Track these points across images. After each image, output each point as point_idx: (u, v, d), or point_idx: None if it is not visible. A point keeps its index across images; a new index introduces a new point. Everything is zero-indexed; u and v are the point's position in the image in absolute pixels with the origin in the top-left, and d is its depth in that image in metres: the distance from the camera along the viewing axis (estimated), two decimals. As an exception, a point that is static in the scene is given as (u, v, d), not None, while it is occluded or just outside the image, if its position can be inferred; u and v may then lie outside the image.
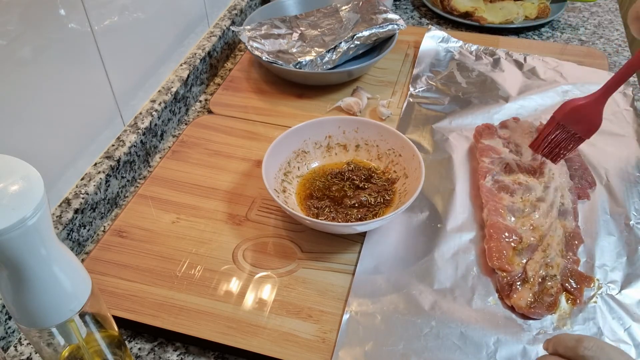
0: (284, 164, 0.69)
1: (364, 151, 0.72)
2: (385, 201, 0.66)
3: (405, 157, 0.68)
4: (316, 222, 0.61)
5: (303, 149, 0.71)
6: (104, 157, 0.70)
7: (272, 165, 0.67)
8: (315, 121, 0.71)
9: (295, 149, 0.70)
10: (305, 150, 0.71)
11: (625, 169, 0.72)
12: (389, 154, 0.70)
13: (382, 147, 0.70)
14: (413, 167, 0.66)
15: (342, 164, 0.71)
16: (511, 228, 0.62)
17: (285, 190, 0.67)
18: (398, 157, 0.69)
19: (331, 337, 0.54)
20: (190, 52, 0.89)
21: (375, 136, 0.71)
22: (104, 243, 0.63)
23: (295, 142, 0.70)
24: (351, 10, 0.94)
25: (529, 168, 0.69)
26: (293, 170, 0.70)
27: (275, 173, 0.67)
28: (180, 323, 0.55)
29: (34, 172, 0.34)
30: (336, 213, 0.65)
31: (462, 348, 0.53)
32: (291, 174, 0.70)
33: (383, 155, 0.70)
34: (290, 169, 0.70)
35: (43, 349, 0.41)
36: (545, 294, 0.57)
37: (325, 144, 0.72)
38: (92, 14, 0.64)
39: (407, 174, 0.67)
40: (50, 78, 0.59)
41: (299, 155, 0.71)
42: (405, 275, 0.60)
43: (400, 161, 0.68)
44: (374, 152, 0.71)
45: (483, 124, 0.76)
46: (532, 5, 1.04)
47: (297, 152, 0.71)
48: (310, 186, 0.69)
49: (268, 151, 0.66)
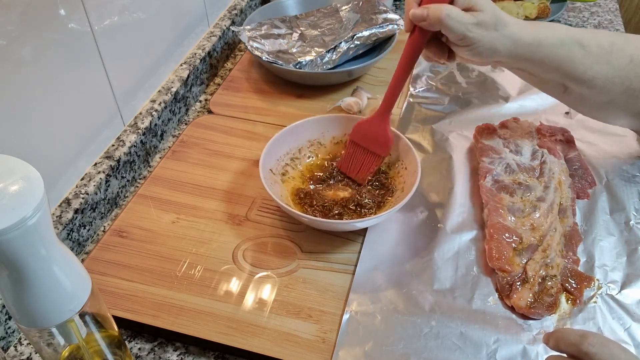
0: (295, 149, 0.70)
1: None
2: (384, 200, 0.66)
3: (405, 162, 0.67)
4: (313, 219, 0.61)
5: (319, 139, 0.72)
6: (104, 157, 0.70)
7: (280, 145, 0.68)
8: (338, 116, 0.72)
9: (310, 138, 0.72)
10: (321, 142, 0.72)
11: (625, 169, 0.72)
12: (398, 165, 0.69)
13: (394, 155, 0.70)
14: (412, 168, 0.66)
15: None
16: (511, 228, 0.62)
17: (285, 174, 0.68)
18: (404, 170, 0.68)
19: (331, 337, 0.54)
20: (190, 52, 0.89)
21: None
22: (104, 243, 0.63)
23: (313, 131, 0.72)
24: (351, 10, 0.94)
25: (529, 168, 0.69)
26: (302, 158, 0.71)
27: (281, 156, 0.69)
28: (180, 323, 0.55)
29: (34, 172, 0.34)
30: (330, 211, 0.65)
31: (462, 348, 0.53)
32: (298, 160, 0.71)
33: (394, 163, 0.70)
34: (299, 156, 0.71)
35: (43, 349, 0.41)
36: (545, 294, 0.57)
37: (345, 139, 0.72)
38: (92, 14, 0.64)
39: (404, 188, 0.66)
40: (50, 78, 0.59)
41: (313, 145, 0.72)
42: (405, 275, 0.60)
43: (404, 173, 0.68)
44: (387, 158, 0.70)
45: (483, 124, 0.76)
46: (532, 5, 1.04)
47: (312, 141, 0.72)
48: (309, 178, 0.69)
49: (285, 130, 0.68)
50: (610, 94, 0.63)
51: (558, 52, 0.61)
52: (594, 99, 0.64)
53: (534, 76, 0.66)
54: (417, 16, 0.58)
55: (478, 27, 0.57)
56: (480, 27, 0.57)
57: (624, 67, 0.62)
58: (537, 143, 0.73)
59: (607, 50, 0.62)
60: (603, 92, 0.63)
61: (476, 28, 0.57)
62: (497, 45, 0.59)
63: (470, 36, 0.58)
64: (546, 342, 0.45)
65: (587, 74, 0.62)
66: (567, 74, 0.62)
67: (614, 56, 0.62)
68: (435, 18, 0.56)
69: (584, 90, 0.63)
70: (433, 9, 0.57)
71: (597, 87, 0.63)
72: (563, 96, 0.67)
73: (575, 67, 0.61)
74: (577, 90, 0.64)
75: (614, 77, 0.62)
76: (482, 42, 0.58)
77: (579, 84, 0.63)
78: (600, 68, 0.61)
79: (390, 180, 0.69)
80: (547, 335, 0.45)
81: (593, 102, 0.65)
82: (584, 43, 0.61)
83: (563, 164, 0.70)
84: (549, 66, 0.62)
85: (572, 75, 0.62)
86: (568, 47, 0.61)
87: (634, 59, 0.62)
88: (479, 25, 0.57)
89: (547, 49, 0.60)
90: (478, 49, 0.59)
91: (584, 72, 0.61)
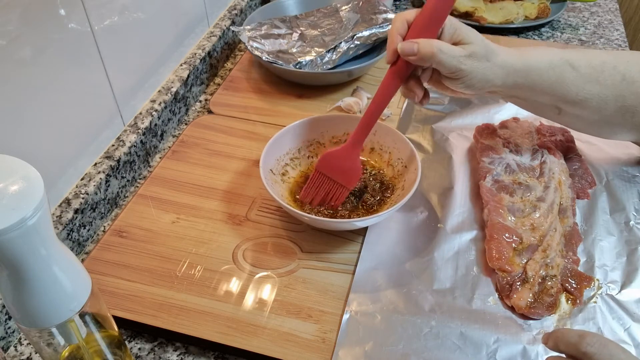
0: (294, 149, 0.70)
1: (377, 155, 0.72)
2: (384, 198, 0.66)
3: (405, 161, 0.68)
4: (315, 218, 0.61)
5: (318, 139, 0.72)
6: (104, 157, 0.70)
7: (280, 145, 0.68)
8: (337, 116, 0.72)
9: (310, 138, 0.71)
10: (321, 142, 0.72)
11: (625, 169, 0.72)
12: (397, 163, 0.69)
13: (394, 154, 0.70)
14: (412, 167, 0.66)
15: None
16: (511, 228, 0.62)
17: (285, 174, 0.68)
18: (403, 169, 0.68)
19: (331, 337, 0.54)
20: (190, 52, 0.89)
21: (390, 142, 0.70)
22: (104, 243, 0.63)
23: (312, 131, 0.71)
24: (351, 10, 0.94)
25: (529, 168, 0.69)
26: (302, 158, 0.71)
27: (280, 156, 0.69)
28: (180, 323, 0.55)
29: (34, 172, 0.34)
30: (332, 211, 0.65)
31: (462, 348, 0.53)
32: (298, 160, 0.71)
33: (393, 163, 0.70)
34: (299, 156, 0.71)
35: (43, 349, 0.41)
36: (545, 294, 0.57)
37: (344, 139, 0.72)
38: (92, 14, 0.64)
39: (404, 186, 0.66)
40: (50, 78, 0.59)
41: (312, 145, 0.72)
42: (405, 275, 0.60)
43: (403, 172, 0.68)
44: (386, 157, 0.70)
45: (483, 124, 0.76)
46: (532, 5, 1.04)
47: (312, 141, 0.72)
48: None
49: (284, 130, 0.67)
50: (605, 112, 0.63)
51: (549, 75, 0.61)
52: (589, 118, 0.64)
53: (528, 102, 0.65)
54: (406, 50, 0.56)
55: (470, 59, 0.57)
56: (472, 59, 0.57)
57: (617, 85, 0.61)
58: (537, 143, 0.73)
59: (598, 69, 0.61)
60: (597, 111, 0.63)
61: (469, 60, 0.57)
62: (489, 76, 0.59)
63: (464, 68, 0.57)
64: (545, 343, 0.45)
65: (580, 95, 0.62)
66: (560, 97, 0.62)
67: (606, 74, 0.61)
68: (427, 53, 0.55)
69: (578, 110, 0.63)
70: (423, 44, 0.55)
71: (590, 107, 0.62)
72: (558, 117, 0.67)
73: (567, 88, 0.61)
74: (571, 112, 0.64)
75: (607, 96, 0.62)
76: (475, 74, 0.58)
77: (572, 105, 0.63)
78: (592, 88, 0.61)
79: (390, 179, 0.69)
80: (547, 336, 0.45)
81: (588, 121, 0.65)
82: (575, 64, 0.61)
83: (563, 164, 0.70)
84: (541, 90, 0.62)
85: (565, 98, 0.62)
86: (559, 70, 0.61)
87: (626, 77, 0.61)
88: (471, 57, 0.57)
89: (537, 72, 0.60)
90: (471, 81, 0.59)
91: (577, 93, 0.61)
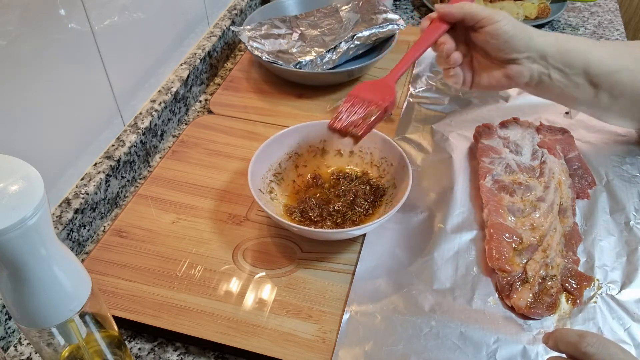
0: (275, 164, 0.68)
1: (357, 157, 0.71)
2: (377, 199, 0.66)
3: (395, 165, 0.67)
4: (303, 229, 0.59)
5: (296, 151, 0.70)
6: (104, 157, 0.70)
7: (260, 165, 0.66)
8: (313, 123, 0.70)
9: (288, 150, 0.70)
10: (299, 153, 0.70)
11: (625, 169, 0.72)
12: (382, 162, 0.69)
13: (376, 154, 0.69)
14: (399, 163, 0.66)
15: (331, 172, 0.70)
16: (511, 228, 0.62)
17: (272, 191, 0.67)
18: (389, 167, 0.68)
19: (331, 337, 0.54)
20: (190, 52, 0.89)
21: (369, 143, 0.69)
22: (104, 243, 0.63)
23: (289, 144, 0.69)
24: (351, 10, 0.94)
25: (529, 168, 0.69)
26: (284, 172, 0.69)
27: (263, 174, 0.67)
28: (180, 323, 0.55)
29: (34, 172, 0.34)
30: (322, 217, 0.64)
31: (462, 348, 0.53)
32: (281, 175, 0.69)
33: (377, 163, 0.69)
34: (280, 170, 0.69)
35: (43, 349, 0.41)
36: (545, 294, 0.57)
37: (321, 147, 0.71)
38: (92, 14, 0.64)
39: (395, 184, 0.66)
40: (50, 78, 0.59)
41: (291, 157, 0.70)
42: (405, 275, 0.60)
43: (390, 170, 0.68)
44: (368, 159, 0.70)
45: (483, 124, 0.76)
46: (532, 5, 1.04)
47: (290, 154, 0.70)
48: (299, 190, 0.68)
49: (258, 151, 0.65)
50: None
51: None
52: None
53: (562, 80, 0.66)
54: (442, 9, 0.64)
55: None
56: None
57: None
58: (537, 143, 0.73)
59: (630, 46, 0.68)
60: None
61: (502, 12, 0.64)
62: (529, 29, 0.64)
63: (497, 12, 0.62)
64: (545, 343, 0.45)
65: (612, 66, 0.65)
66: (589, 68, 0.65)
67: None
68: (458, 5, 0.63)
69: (613, 81, 0.65)
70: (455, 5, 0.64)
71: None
72: (594, 101, 0.67)
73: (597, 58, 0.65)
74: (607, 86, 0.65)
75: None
76: (509, 19, 0.63)
77: (607, 75, 0.65)
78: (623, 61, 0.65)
79: (377, 179, 0.68)
80: (547, 336, 0.45)
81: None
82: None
83: (563, 164, 0.70)
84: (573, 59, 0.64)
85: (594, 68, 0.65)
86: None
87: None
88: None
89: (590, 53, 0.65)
90: (506, 26, 0.62)
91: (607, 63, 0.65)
